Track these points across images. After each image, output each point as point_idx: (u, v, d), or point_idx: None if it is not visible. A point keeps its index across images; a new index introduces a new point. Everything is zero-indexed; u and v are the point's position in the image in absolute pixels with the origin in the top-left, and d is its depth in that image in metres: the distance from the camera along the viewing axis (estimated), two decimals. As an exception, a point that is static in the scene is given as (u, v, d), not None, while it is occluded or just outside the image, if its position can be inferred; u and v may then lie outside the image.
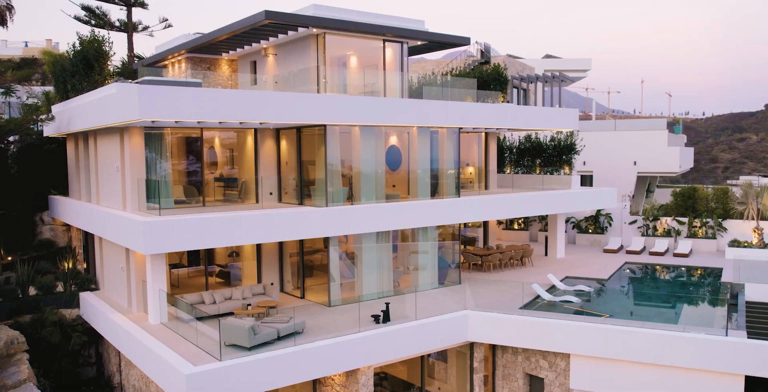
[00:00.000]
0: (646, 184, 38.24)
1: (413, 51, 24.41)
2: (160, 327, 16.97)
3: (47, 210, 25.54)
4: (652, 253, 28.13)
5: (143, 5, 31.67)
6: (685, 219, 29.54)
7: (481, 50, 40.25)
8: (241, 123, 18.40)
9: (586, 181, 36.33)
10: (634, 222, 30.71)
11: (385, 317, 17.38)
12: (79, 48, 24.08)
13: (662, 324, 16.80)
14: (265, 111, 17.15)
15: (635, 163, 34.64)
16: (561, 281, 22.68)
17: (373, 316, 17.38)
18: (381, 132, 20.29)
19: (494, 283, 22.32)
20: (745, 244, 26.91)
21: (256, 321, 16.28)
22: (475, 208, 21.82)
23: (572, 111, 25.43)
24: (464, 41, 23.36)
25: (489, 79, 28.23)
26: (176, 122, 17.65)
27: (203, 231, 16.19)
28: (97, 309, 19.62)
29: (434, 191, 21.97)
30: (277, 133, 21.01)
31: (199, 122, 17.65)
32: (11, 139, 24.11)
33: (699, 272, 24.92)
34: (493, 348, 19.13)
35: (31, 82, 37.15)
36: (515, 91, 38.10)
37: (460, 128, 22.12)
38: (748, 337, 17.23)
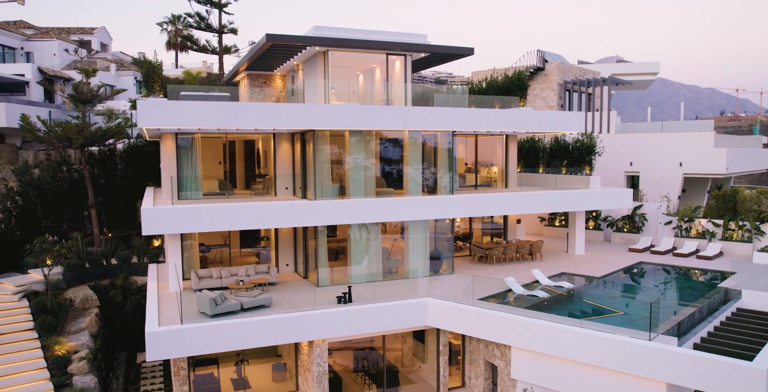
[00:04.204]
0: (707, 185, 33.64)
1: (423, 64, 23.91)
2: (172, 295, 18.63)
3: (145, 198, 28.83)
4: (675, 254, 24.98)
5: (234, 32, 34.23)
6: (720, 221, 25.78)
7: (544, 58, 38.22)
8: (255, 129, 19.45)
9: (632, 181, 32.89)
10: (670, 222, 27.38)
11: (347, 298, 17.57)
12: (143, 70, 26.98)
13: (598, 324, 15.18)
14: (248, 119, 18.03)
15: (681, 164, 30.65)
16: (553, 277, 21.13)
17: (338, 297, 17.65)
18: (371, 135, 20.30)
19: (483, 275, 21.34)
20: (778, 250, 22.97)
21: (230, 294, 17.33)
22: (460, 205, 21.04)
23: (576, 114, 23.26)
24: (468, 52, 22.41)
25: (511, 85, 26.75)
26: (199, 129, 19.18)
27: (194, 218, 17.48)
28: (149, 278, 21.94)
29: (432, 189, 21.50)
30: (292, 136, 21.88)
31: (218, 128, 19.01)
32: (110, 142, 27.39)
33: (703, 275, 21.74)
34: (463, 334, 18.45)
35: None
36: (567, 94, 35.43)
37: (454, 132, 21.39)
38: (700, 344, 15.12)
